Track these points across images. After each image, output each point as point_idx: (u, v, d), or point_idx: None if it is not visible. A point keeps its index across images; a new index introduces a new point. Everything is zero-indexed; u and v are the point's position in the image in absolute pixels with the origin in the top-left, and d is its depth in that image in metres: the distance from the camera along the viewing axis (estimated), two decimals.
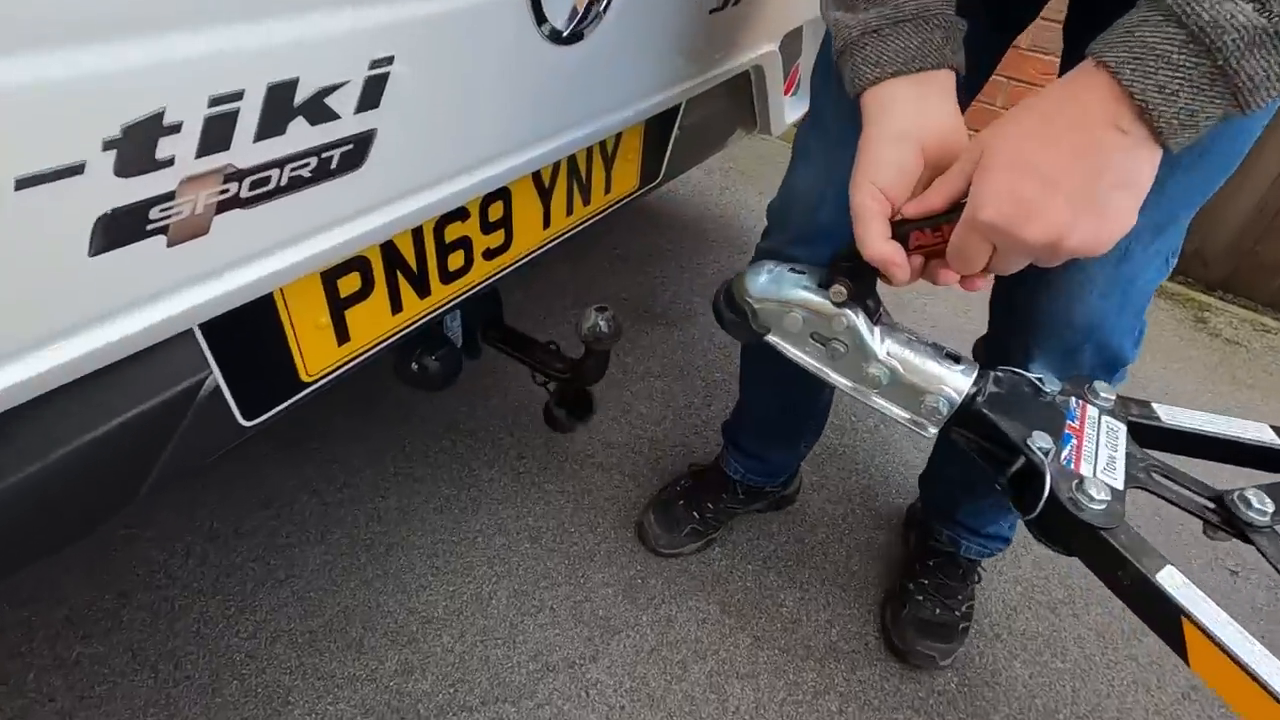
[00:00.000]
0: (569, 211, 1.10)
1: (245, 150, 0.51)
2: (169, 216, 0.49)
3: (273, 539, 1.32)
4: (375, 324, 0.85)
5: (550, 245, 1.09)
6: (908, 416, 0.68)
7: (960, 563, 1.32)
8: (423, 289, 0.89)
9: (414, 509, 1.41)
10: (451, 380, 1.05)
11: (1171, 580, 0.55)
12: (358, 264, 0.78)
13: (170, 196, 0.49)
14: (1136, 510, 1.52)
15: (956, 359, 0.67)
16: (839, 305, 0.65)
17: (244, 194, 0.53)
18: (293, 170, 0.56)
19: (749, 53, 1.23)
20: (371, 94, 0.58)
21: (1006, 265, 0.51)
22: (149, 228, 0.49)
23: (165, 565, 1.26)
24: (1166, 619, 0.54)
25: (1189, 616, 0.53)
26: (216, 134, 0.49)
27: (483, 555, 1.34)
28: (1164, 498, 0.64)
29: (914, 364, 0.66)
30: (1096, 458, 0.64)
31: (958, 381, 0.66)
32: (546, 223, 1.06)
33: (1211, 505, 0.63)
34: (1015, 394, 0.68)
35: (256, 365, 0.72)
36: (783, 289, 0.69)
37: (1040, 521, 0.62)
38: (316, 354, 0.78)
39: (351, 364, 0.84)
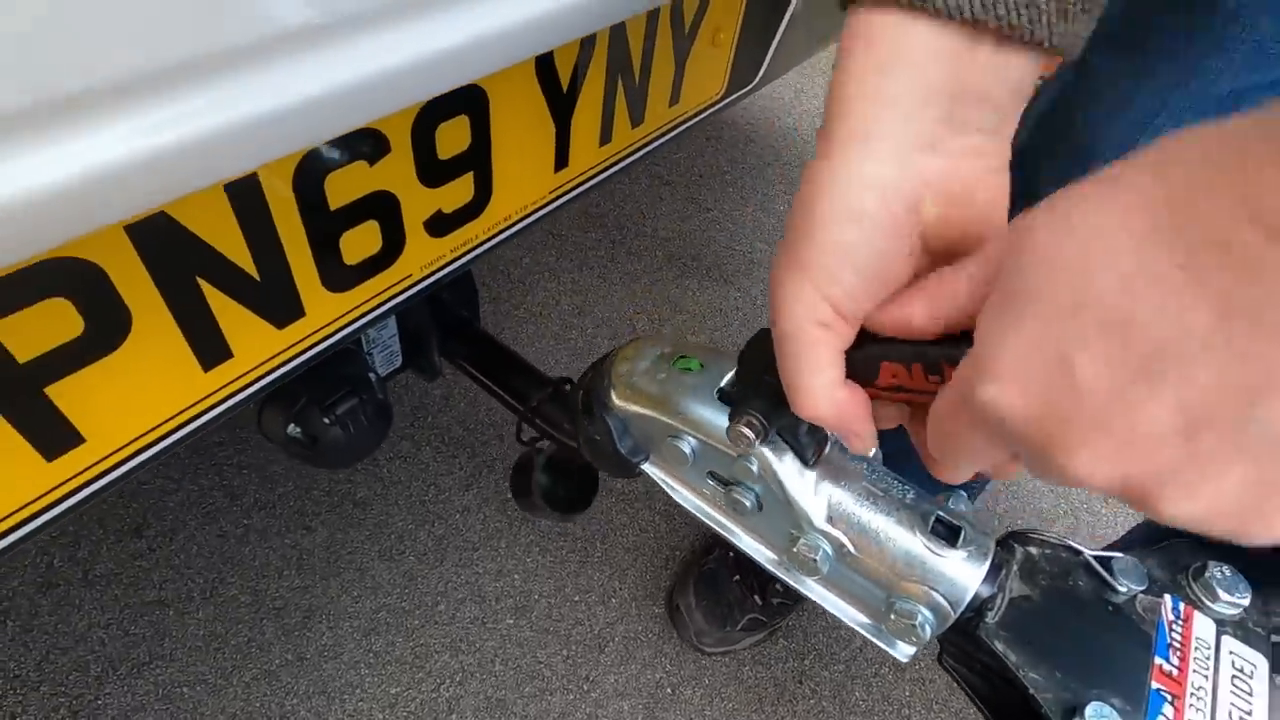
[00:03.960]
0: (605, 138, 0.59)
1: None
2: None
3: (136, 588, 0.91)
4: (154, 399, 0.37)
5: (566, 199, 0.59)
6: (867, 623, 0.46)
7: None
8: (283, 309, 0.41)
9: (350, 552, 0.98)
10: (367, 448, 0.58)
11: None
12: (65, 282, 0.30)
13: None
14: None
15: (954, 532, 0.42)
16: (743, 448, 0.42)
17: None
18: None
19: None
20: None
21: (1029, 473, 0.26)
22: None
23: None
24: None
25: None
26: None
27: (444, 635, 0.92)
28: None
29: (878, 540, 0.43)
30: None
31: (955, 576, 0.41)
32: (562, 161, 0.56)
33: None
34: (1059, 599, 0.42)
35: None
36: (666, 392, 0.47)
37: None
38: None
39: (94, 486, 0.37)
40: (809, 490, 0.44)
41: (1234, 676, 0.39)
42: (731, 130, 1.87)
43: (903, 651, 0.45)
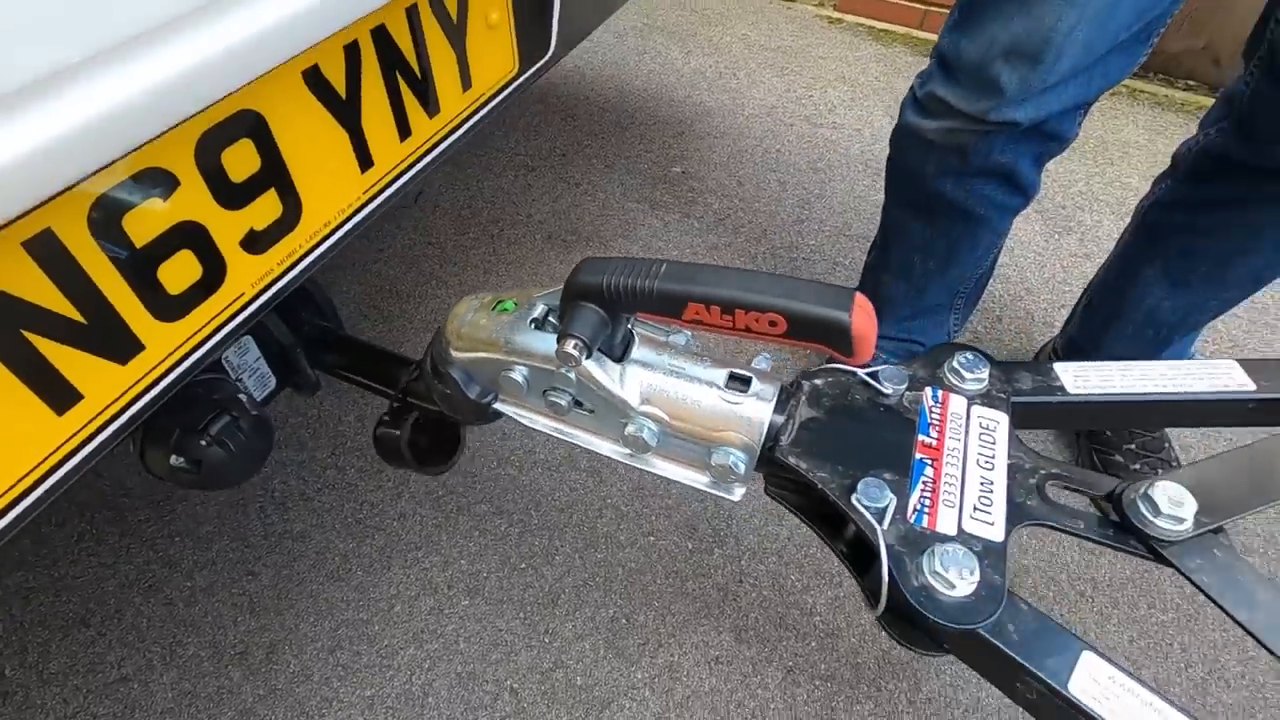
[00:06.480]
0: (404, 134, 0.64)
1: None
2: None
3: (95, 673, 0.92)
4: (15, 450, 0.42)
5: (386, 195, 0.64)
6: (706, 480, 0.54)
7: None
8: (120, 346, 0.46)
9: (298, 584, 1.01)
10: (255, 460, 0.62)
11: (1092, 679, 0.38)
12: None
13: None
14: None
15: (745, 382, 0.51)
16: (571, 365, 0.48)
17: None
18: None
19: None
20: None
21: None
22: None
23: None
24: None
25: None
26: None
27: (405, 632, 0.98)
28: (1062, 530, 0.47)
29: (684, 405, 0.50)
30: (963, 494, 0.46)
31: (749, 415, 0.49)
32: (366, 161, 0.61)
33: (1115, 519, 0.46)
34: (840, 413, 0.51)
35: None
36: (489, 330, 0.53)
37: (891, 619, 0.45)
38: None
39: None
40: (623, 382, 0.51)
41: (981, 434, 0.48)
42: (585, 105, 1.92)
43: (736, 493, 0.53)
